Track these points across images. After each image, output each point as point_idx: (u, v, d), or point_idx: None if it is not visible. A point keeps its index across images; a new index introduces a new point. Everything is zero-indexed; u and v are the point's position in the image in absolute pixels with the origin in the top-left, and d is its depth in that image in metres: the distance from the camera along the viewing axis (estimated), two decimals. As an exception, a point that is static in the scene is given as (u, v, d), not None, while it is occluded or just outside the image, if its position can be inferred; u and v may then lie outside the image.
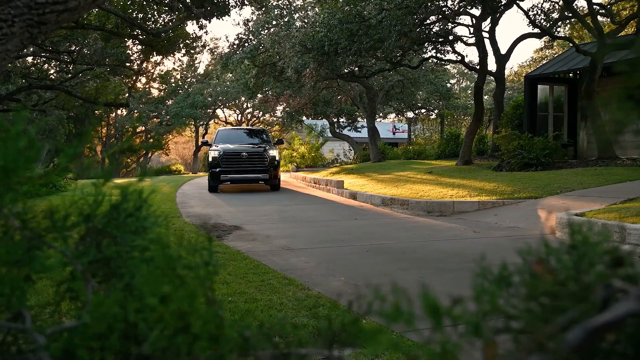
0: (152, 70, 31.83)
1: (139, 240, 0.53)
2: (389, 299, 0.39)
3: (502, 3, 13.69)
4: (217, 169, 13.31)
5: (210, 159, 13.54)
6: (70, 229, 0.57)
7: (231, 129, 16.53)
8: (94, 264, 0.52)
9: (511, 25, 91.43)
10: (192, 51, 16.11)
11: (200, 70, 40.86)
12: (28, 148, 0.50)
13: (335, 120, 28.83)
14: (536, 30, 15.49)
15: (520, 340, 0.37)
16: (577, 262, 0.46)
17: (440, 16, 14.44)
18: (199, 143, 40.81)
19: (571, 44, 14.81)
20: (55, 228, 0.55)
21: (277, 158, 13.77)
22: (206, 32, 41.85)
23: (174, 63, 48.75)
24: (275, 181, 13.74)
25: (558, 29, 16.57)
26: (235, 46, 21.65)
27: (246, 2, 13.67)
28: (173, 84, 37.12)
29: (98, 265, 0.55)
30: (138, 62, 19.18)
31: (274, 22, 19.50)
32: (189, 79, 39.89)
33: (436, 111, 29.36)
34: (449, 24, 15.16)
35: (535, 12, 15.62)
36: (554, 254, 0.51)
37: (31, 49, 13.48)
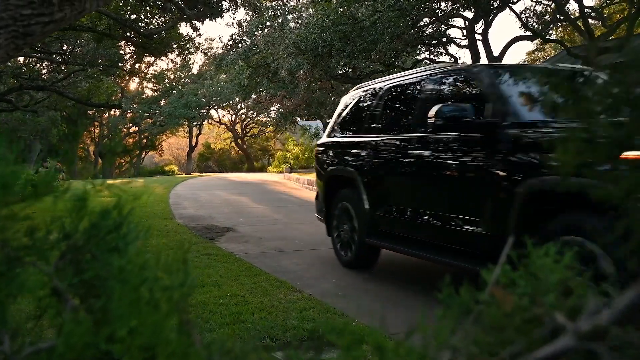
0: (145, 71, 31.69)
1: (116, 259, 0.54)
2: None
3: (495, 6, 13.76)
4: None
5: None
6: (51, 248, 0.59)
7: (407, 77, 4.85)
8: (73, 283, 0.54)
9: (504, 27, 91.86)
10: (185, 52, 16.03)
11: (194, 70, 40.73)
12: None
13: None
14: (528, 33, 15.59)
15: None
16: (533, 289, 0.48)
17: (433, 18, 14.50)
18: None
19: (563, 47, 14.91)
20: (35, 247, 0.57)
21: None
22: (199, 34, 41.61)
23: (167, 64, 48.60)
24: None
25: (550, 32, 16.66)
26: (229, 47, 21.61)
27: (239, 4, 13.66)
28: (167, 84, 37.02)
29: (78, 284, 0.56)
30: (131, 62, 19.11)
31: (268, 23, 19.50)
32: (182, 79, 39.76)
33: (429, 112, 29.39)
34: (442, 26, 15.23)
35: (527, 14, 15.72)
36: (515, 279, 0.52)
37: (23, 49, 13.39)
